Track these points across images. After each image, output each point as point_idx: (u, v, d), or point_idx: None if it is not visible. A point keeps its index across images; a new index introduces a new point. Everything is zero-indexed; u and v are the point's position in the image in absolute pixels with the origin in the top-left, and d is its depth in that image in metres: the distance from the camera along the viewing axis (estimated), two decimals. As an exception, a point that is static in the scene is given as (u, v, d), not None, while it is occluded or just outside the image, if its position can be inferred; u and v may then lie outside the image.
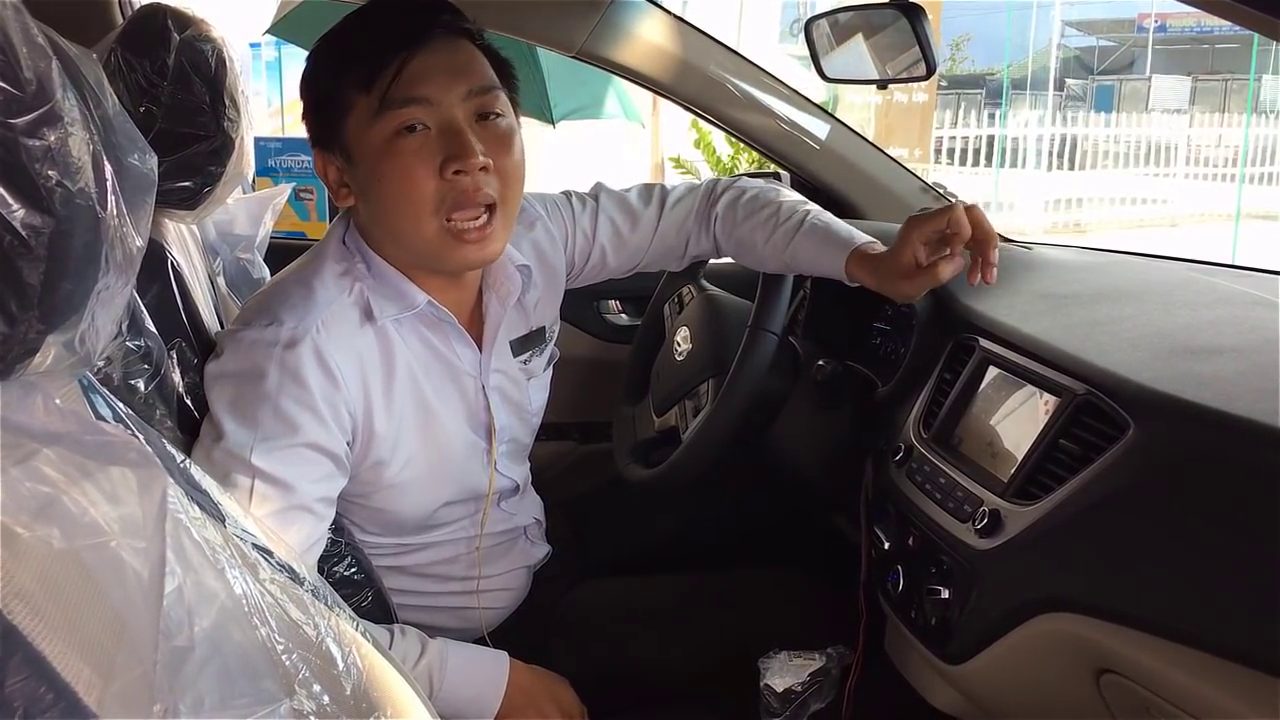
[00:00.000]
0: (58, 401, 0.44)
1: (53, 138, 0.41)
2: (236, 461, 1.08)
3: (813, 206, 1.41)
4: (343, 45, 1.16)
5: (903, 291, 1.25)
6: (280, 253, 1.60)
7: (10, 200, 0.39)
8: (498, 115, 1.16)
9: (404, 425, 1.22)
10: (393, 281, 1.21)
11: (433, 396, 1.26)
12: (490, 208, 1.15)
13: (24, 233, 0.40)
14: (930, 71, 1.42)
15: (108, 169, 0.45)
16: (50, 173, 0.41)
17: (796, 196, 1.45)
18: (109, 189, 0.45)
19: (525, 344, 1.38)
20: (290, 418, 1.10)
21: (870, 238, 1.33)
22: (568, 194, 1.48)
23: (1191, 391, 0.98)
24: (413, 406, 1.23)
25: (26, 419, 0.42)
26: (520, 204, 1.23)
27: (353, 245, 1.22)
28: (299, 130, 1.29)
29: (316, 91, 1.18)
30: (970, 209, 1.21)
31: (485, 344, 1.30)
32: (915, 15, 1.37)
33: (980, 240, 1.21)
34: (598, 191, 1.50)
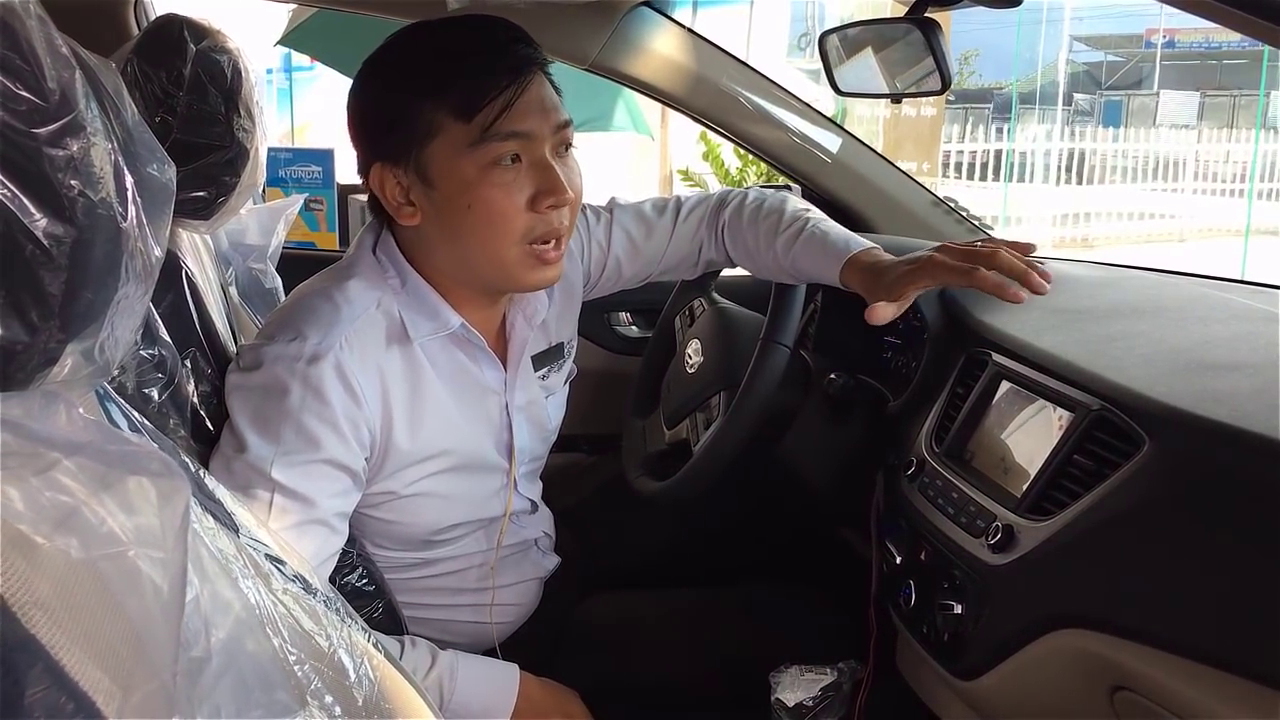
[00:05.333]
0: (80, 411, 0.44)
1: (75, 147, 0.41)
2: (257, 474, 1.08)
3: (815, 214, 1.40)
4: (434, 69, 1.14)
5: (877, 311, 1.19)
6: (291, 263, 1.61)
7: (33, 209, 0.39)
8: (571, 147, 1.20)
9: (427, 443, 1.22)
10: (429, 301, 1.21)
11: (459, 416, 1.26)
12: (560, 237, 1.19)
13: (46, 242, 0.40)
14: (946, 85, 1.42)
15: (128, 179, 0.45)
16: (73, 182, 0.41)
17: (802, 204, 1.44)
18: (129, 199, 0.45)
19: (544, 359, 1.38)
20: (312, 434, 1.11)
21: (870, 244, 1.31)
22: (581, 208, 1.48)
23: (1207, 407, 0.98)
24: (439, 425, 1.23)
25: (49, 428, 0.42)
26: None
27: (386, 259, 1.22)
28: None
29: (386, 108, 1.16)
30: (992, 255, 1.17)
31: (510, 363, 1.31)
32: (930, 29, 1.36)
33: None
34: (612, 205, 1.50)
